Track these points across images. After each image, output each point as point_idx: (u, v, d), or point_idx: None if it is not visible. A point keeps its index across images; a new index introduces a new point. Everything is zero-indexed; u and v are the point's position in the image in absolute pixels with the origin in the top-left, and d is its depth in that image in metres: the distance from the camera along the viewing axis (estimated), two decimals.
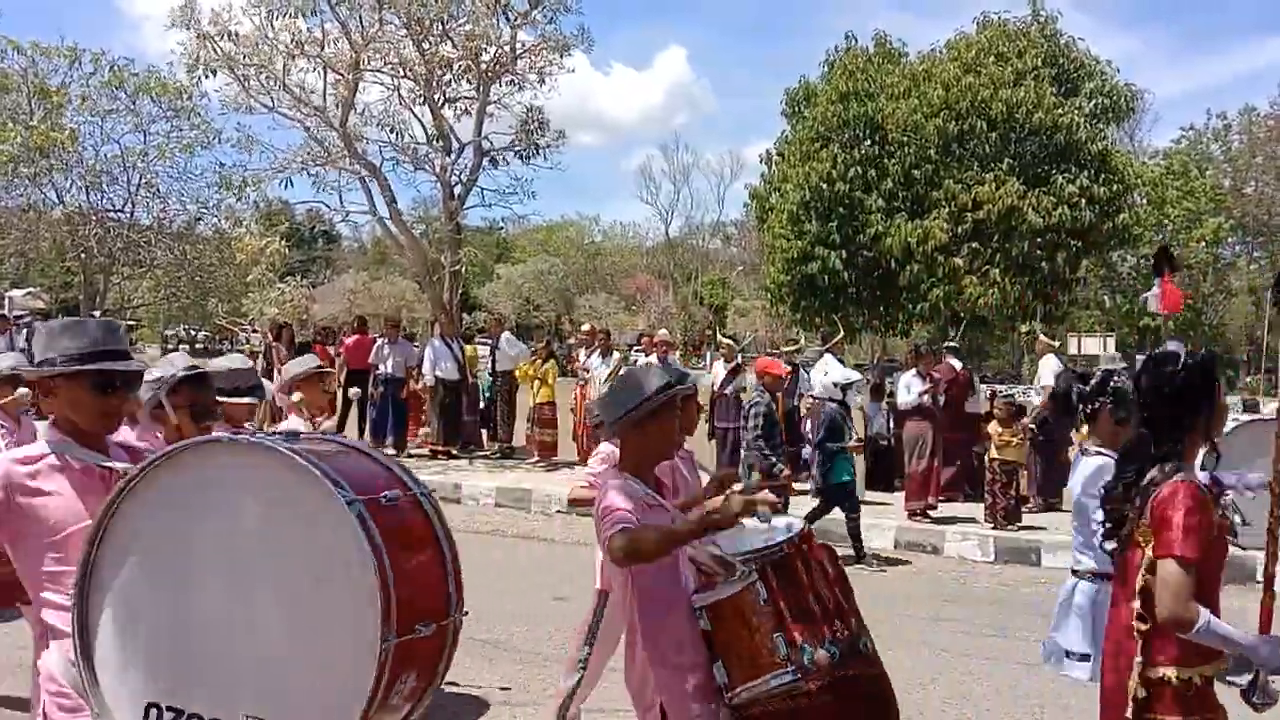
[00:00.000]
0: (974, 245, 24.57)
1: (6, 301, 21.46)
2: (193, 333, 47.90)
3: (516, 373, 14.44)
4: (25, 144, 18.16)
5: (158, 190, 21.02)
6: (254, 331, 19.51)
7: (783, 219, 26.23)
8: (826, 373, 12.13)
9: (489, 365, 15.61)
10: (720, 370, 13.42)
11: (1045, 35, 25.85)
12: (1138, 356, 24.42)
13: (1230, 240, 50.78)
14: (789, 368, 12.70)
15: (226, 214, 20.87)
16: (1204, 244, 48.25)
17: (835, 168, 24.96)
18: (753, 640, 2.80)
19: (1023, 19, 26.38)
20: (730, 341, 14.57)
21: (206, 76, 16.75)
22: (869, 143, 25.47)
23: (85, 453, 2.66)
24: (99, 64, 20.01)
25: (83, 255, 20.49)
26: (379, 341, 14.84)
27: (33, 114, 19.30)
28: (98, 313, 19.44)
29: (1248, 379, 44.93)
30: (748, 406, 9.53)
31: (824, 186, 24.96)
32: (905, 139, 25.14)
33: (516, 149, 17.36)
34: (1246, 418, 6.34)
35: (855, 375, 12.88)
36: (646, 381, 3.08)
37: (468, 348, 15.44)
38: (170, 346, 45.45)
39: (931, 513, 11.11)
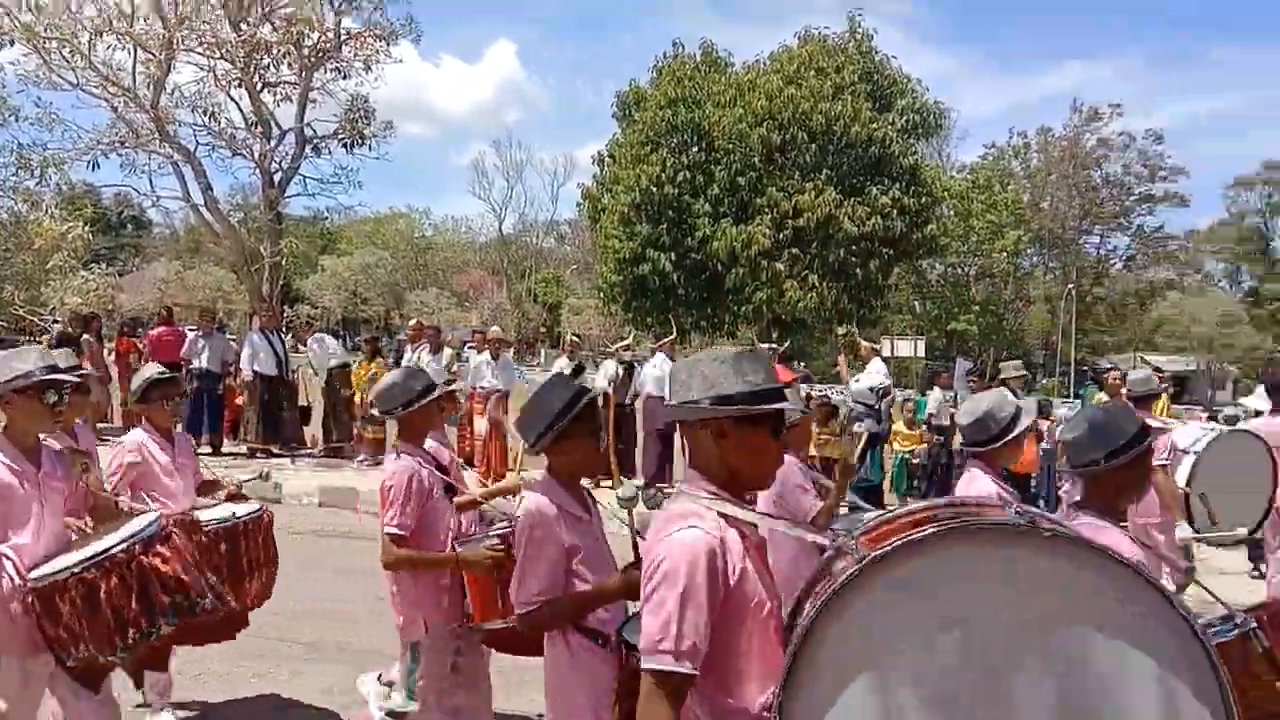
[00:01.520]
0: (794, 251, 25.56)
1: None
2: None
3: (352, 378, 14.02)
4: None
5: None
6: (55, 322, 18.25)
7: (614, 220, 26.57)
8: (858, 379, 12.35)
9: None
10: (562, 366, 13.49)
11: (862, 52, 27.16)
12: (959, 359, 26.08)
13: (1029, 251, 54.70)
14: (624, 366, 12.95)
15: (24, 196, 19.41)
16: (1005, 255, 51.82)
17: (664, 171, 25.45)
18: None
19: (841, 35, 27.64)
20: (576, 337, 14.67)
21: (2, 47, 15.56)
22: (696, 149, 26.10)
23: None
24: None
25: None
26: (192, 335, 14.16)
27: None
28: None
29: (1044, 381, 48.52)
30: None
31: (654, 189, 25.42)
32: (731, 146, 25.88)
33: (341, 137, 16.96)
34: (1224, 428, 6.80)
35: (888, 381, 13.02)
36: (560, 397, 3.01)
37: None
38: None
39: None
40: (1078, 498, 2.98)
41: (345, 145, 17.01)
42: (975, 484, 3.76)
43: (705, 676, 1.93)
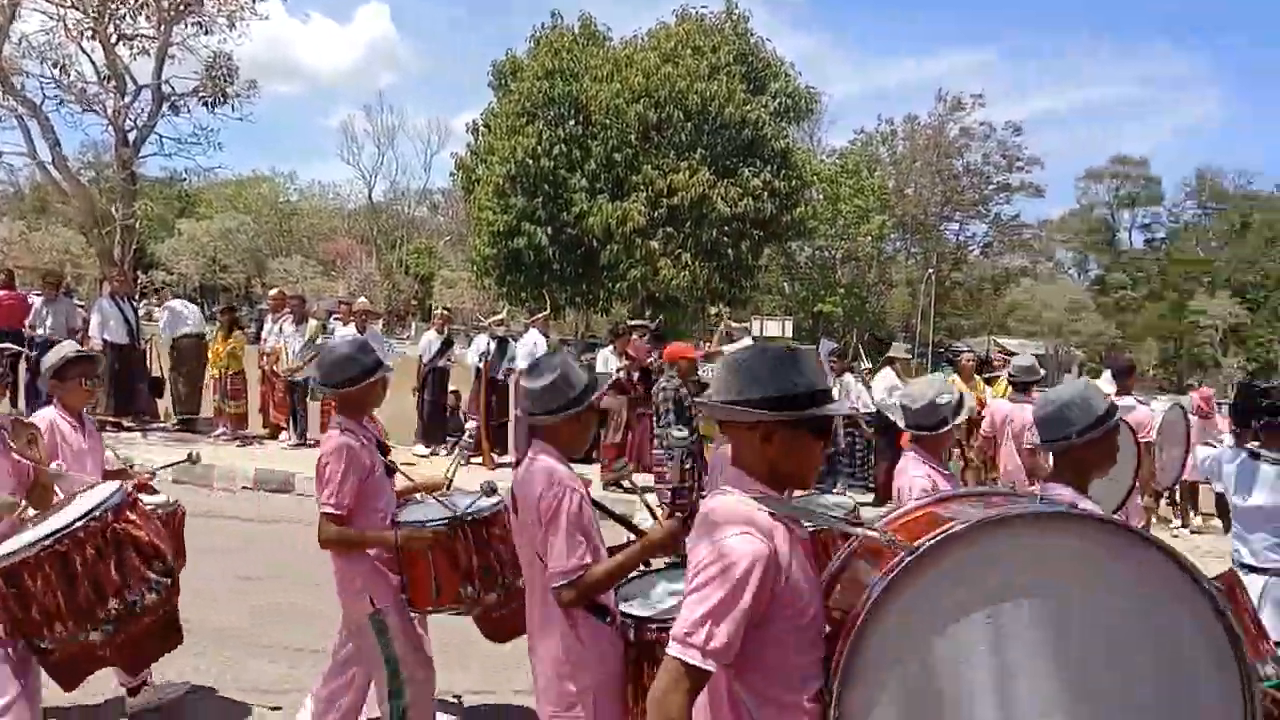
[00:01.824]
0: (669, 229, 25.79)
1: None
2: None
3: (210, 354, 13.42)
4: None
5: None
6: None
7: (489, 192, 26.26)
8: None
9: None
10: (432, 340, 13.28)
11: (737, 33, 27.53)
12: (822, 339, 26.85)
13: (892, 236, 56.58)
14: (497, 341, 12.85)
15: None
16: (870, 239, 53.51)
17: (540, 144, 25.26)
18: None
19: (718, 15, 27.93)
20: (446, 310, 14.45)
21: None
22: (573, 122, 25.99)
23: None
24: None
25: None
26: (36, 301, 13.34)
27: None
28: None
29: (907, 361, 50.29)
30: (656, 392, 9.31)
31: (530, 162, 25.21)
32: (608, 122, 25.87)
33: (201, 95, 16.21)
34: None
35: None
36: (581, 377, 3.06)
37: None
38: None
39: (624, 483, 11.66)
40: None
41: (206, 104, 16.27)
42: (907, 473, 3.87)
43: (753, 672, 1.98)
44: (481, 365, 12.34)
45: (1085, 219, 64.65)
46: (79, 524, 3.21)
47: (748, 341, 14.08)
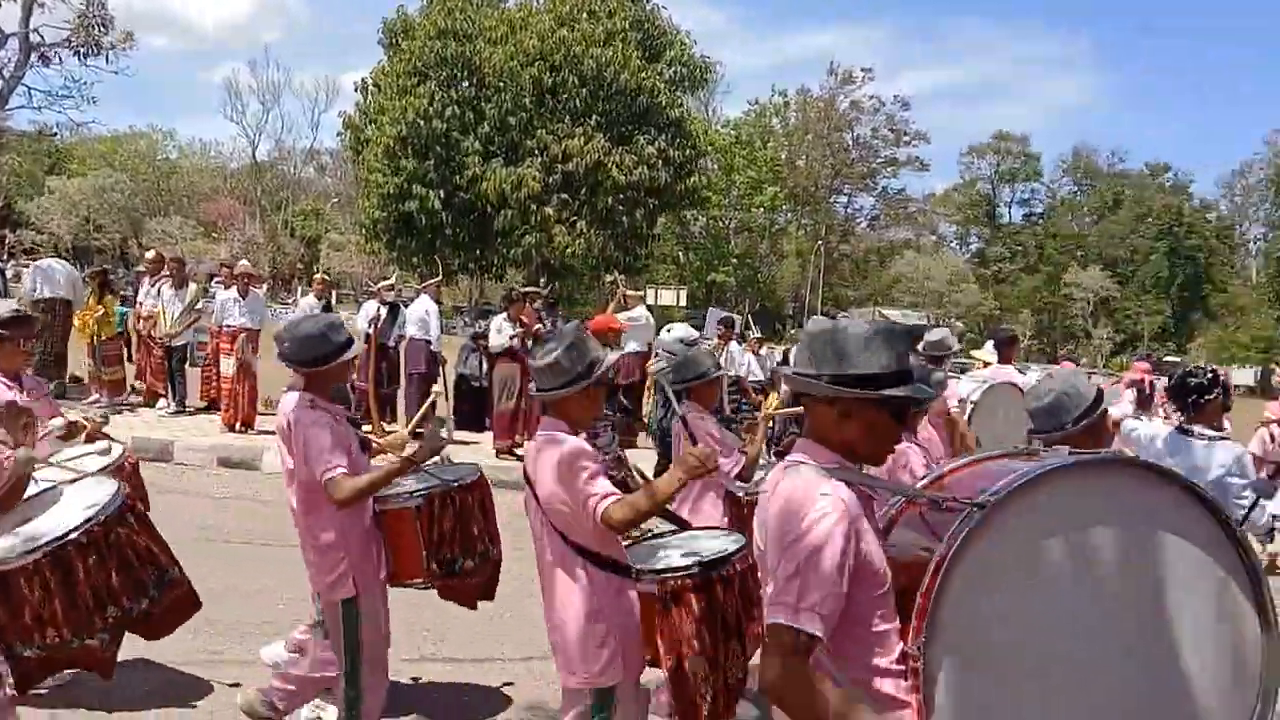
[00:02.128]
0: (564, 196, 25.73)
1: None
2: None
3: (75, 320, 12.80)
4: None
5: None
6: None
7: (378, 153, 25.71)
8: (671, 329, 12.23)
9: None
10: (312, 305, 12.98)
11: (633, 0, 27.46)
12: (711, 308, 27.19)
13: (785, 208, 57.59)
14: (388, 307, 12.65)
15: None
16: (763, 210, 54.31)
17: (433, 105, 24.84)
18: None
19: None
20: (325, 276, 14.14)
21: None
22: (466, 84, 25.62)
23: None
24: None
25: None
26: None
27: None
28: None
29: (792, 331, 51.46)
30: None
31: (421, 123, 24.76)
32: (502, 84, 25.58)
33: (73, 46, 15.42)
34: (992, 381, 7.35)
35: (694, 333, 12.91)
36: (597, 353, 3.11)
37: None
38: None
39: (518, 450, 11.70)
40: None
41: (78, 55, 15.52)
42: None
43: (842, 638, 1.99)
44: (371, 331, 12.16)
45: (967, 193, 66.86)
46: (79, 531, 3.09)
47: (642, 310, 14.22)
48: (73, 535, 3.09)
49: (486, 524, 3.84)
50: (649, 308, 14.94)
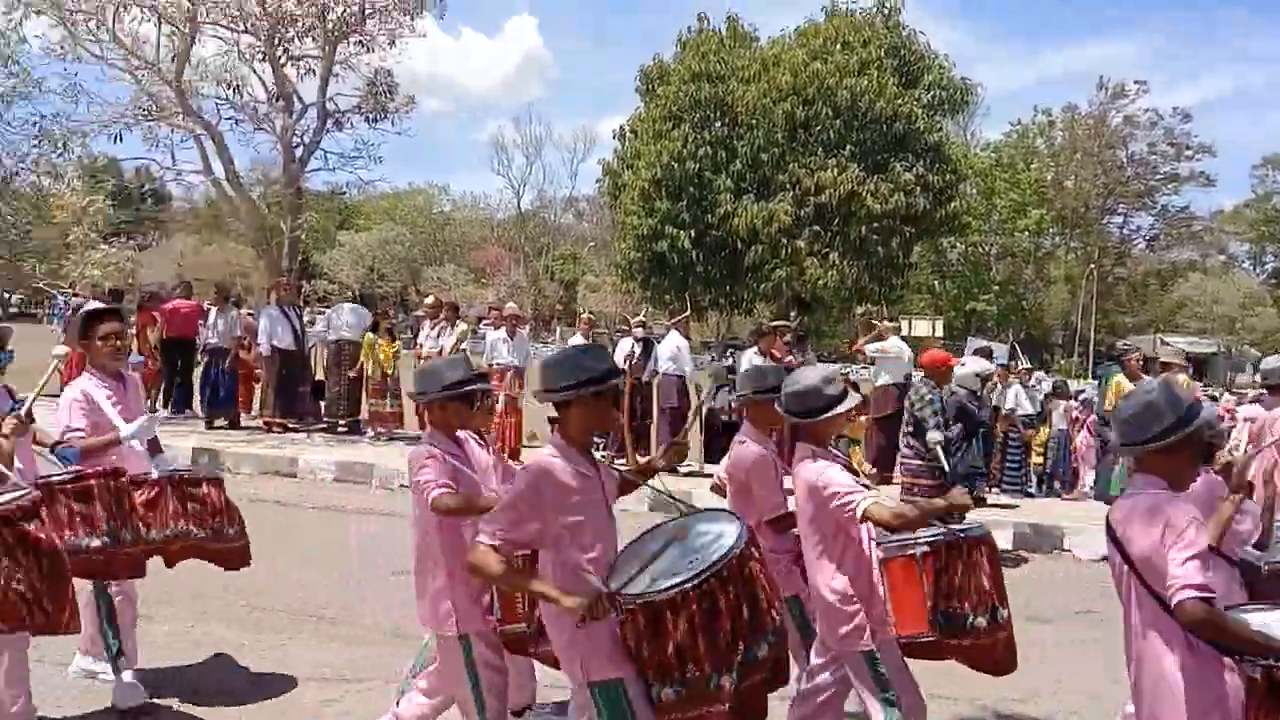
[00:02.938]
0: (816, 228, 25.37)
1: None
2: (6, 295, 44.56)
3: (381, 357, 13.84)
4: None
5: None
6: (75, 295, 18.28)
7: (634, 196, 26.41)
8: (964, 364, 12.28)
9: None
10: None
11: (888, 26, 26.85)
12: (970, 338, 25.91)
13: (1051, 231, 54.21)
14: (642, 343, 12.85)
15: (45, 169, 19.35)
16: (1027, 234, 51.36)
17: (686, 147, 25.27)
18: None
19: (868, 9, 27.32)
20: (591, 315, 14.66)
21: (27, 18, 15.49)
22: (719, 124, 25.89)
23: None
24: None
25: None
26: (211, 311, 14.15)
27: None
28: None
29: (1062, 362, 48.18)
30: (913, 401, 8.97)
31: (675, 165, 25.24)
32: (754, 122, 25.66)
33: (363, 111, 16.79)
34: None
35: (992, 367, 12.88)
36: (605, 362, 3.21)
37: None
38: None
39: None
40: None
41: (367, 119, 16.83)
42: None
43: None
44: (627, 367, 12.38)
45: (1262, 209, 60.05)
46: (720, 564, 2.96)
47: (895, 341, 13.66)
48: (717, 567, 2.94)
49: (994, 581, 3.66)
50: (903, 338, 14.40)
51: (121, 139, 16.54)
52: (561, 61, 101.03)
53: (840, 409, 3.70)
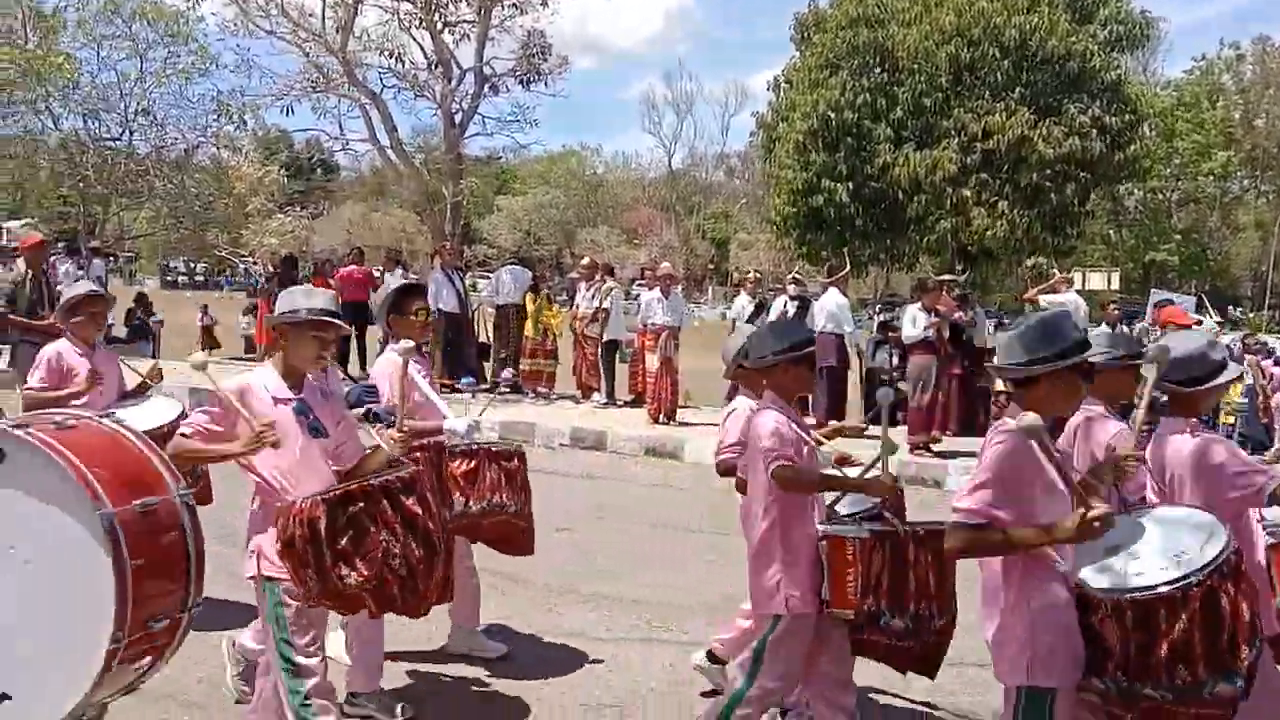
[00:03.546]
0: (983, 176, 24.24)
1: (4, 233, 21.16)
2: (192, 264, 47.60)
3: (548, 320, 14.09)
4: (21, 68, 17.74)
5: (155, 118, 20.56)
6: (254, 263, 19.36)
7: (789, 149, 25.84)
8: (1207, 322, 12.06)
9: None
10: (744, 305, 13.29)
11: None
12: (1153, 290, 24.34)
13: (1239, 174, 50.22)
14: (797, 301, 12.58)
15: (225, 141, 20.47)
16: (1212, 178, 47.73)
17: (844, 95, 24.53)
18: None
19: None
20: (757, 274, 14.50)
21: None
22: (878, 70, 25.00)
23: None
24: None
25: (80, 185, 20.18)
26: (380, 275, 14.68)
27: (28, 38, 18.85)
28: (95, 243, 19.23)
29: (1251, 315, 44.77)
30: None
31: (832, 115, 24.54)
32: (915, 67, 24.65)
33: (518, 74, 17.00)
34: None
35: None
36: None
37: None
38: (170, 279, 45.30)
39: (934, 446, 11.06)
40: None
41: (523, 82, 17.06)
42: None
43: None
44: None
45: None
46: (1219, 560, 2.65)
47: (1072, 294, 12.97)
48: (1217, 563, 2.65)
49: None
50: (1078, 292, 13.73)
51: (292, 111, 17.37)
52: (711, 14, 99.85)
53: (1223, 378, 3.35)
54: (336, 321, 3.46)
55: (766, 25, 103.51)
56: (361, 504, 3.17)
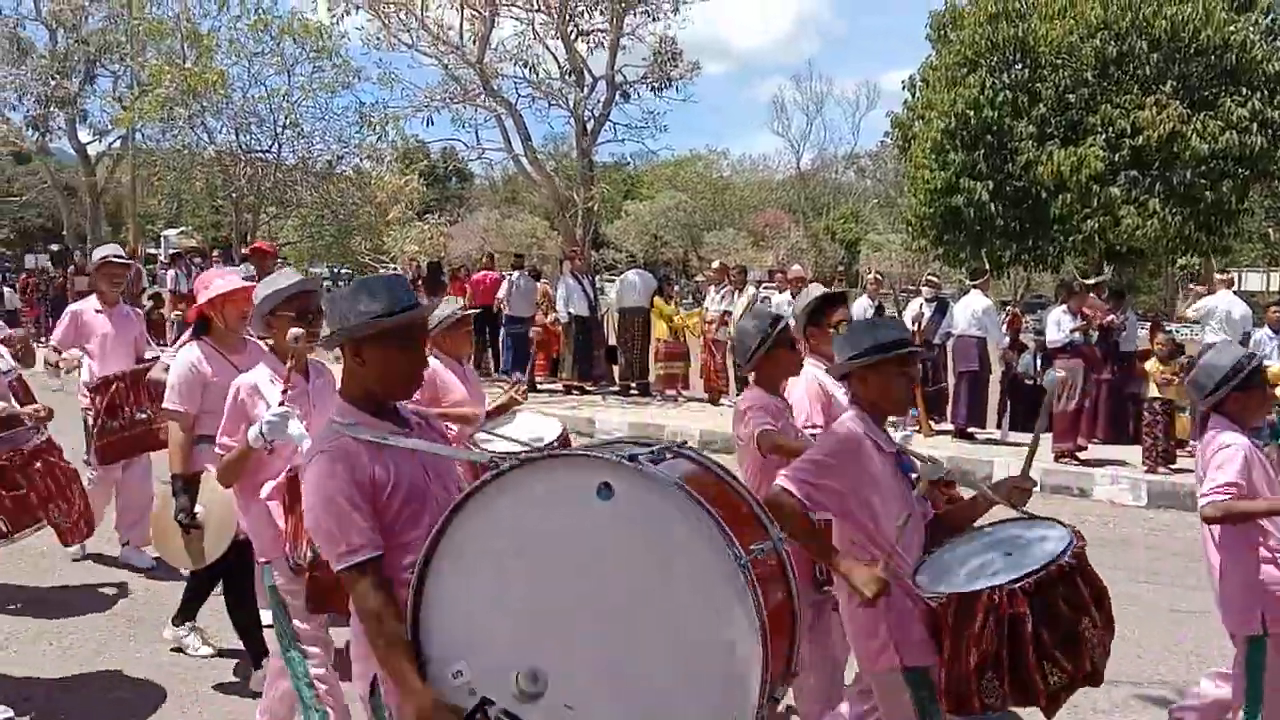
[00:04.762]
0: (1132, 173, 23.16)
1: (163, 241, 22.50)
2: (335, 270, 49.78)
3: (683, 321, 14.21)
4: (180, 87, 18.91)
5: (302, 130, 21.65)
6: (396, 268, 20.09)
7: (926, 148, 25.24)
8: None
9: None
10: (865, 307, 13.09)
11: None
12: None
13: None
14: (935, 303, 12.31)
15: (368, 152, 21.35)
16: None
17: (983, 93, 23.83)
18: None
19: None
20: (879, 276, 14.31)
21: (348, 14, 17.07)
22: (1020, 66, 24.19)
23: None
24: (245, 8, 20.63)
25: (233, 195, 21.35)
26: (509, 280, 15.04)
27: (185, 58, 20.08)
28: (246, 250, 20.30)
29: None
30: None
31: (970, 113, 23.88)
32: (1059, 62, 23.76)
33: (649, 81, 17.13)
34: None
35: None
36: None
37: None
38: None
39: (1080, 454, 10.66)
40: None
41: (654, 89, 17.19)
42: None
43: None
44: (916, 329, 11.89)
45: None
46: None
47: (1226, 295, 12.30)
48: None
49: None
50: (1235, 293, 13.10)
51: (432, 122, 17.95)
52: (841, 13, 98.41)
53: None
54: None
55: (897, 23, 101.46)
56: None
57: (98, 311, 6.26)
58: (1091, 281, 13.12)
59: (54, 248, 23.94)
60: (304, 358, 3.72)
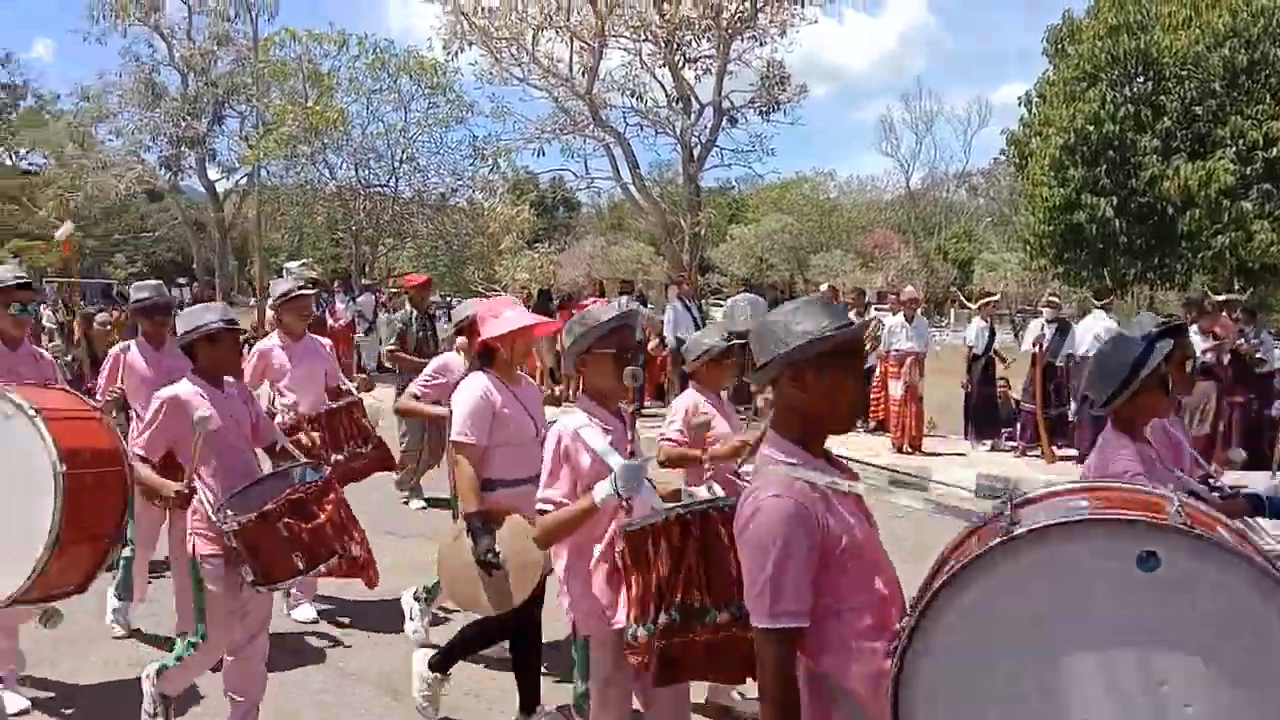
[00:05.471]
0: (1265, 187, 22.10)
1: (285, 273, 23.37)
2: (449, 298, 51.09)
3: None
4: (302, 125, 19.74)
5: (418, 164, 22.33)
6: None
7: (1044, 165, 24.56)
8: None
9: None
10: (980, 328, 12.76)
11: None
12: None
13: None
14: (1056, 324, 11.95)
15: (481, 184, 21.91)
16: None
17: (1104, 108, 23.09)
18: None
19: None
20: (995, 297, 13.97)
21: (462, 50, 17.58)
22: (1142, 79, 23.37)
23: None
24: (364, 47, 21.45)
25: (352, 228, 22.14)
26: (622, 303, 15.16)
27: (307, 97, 20.97)
28: (365, 281, 20.98)
29: None
30: None
31: (1091, 129, 23.16)
32: (1185, 73, 22.87)
33: (757, 106, 17.16)
34: None
35: None
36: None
37: None
38: (430, 313, 48.76)
39: (1212, 481, 10.16)
40: None
41: (761, 113, 17.21)
42: None
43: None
44: (1036, 351, 11.56)
45: None
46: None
47: None
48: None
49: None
50: None
51: (543, 153, 18.32)
52: (948, 30, 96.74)
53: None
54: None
55: (1007, 38, 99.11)
56: None
57: (281, 348, 6.04)
58: (1223, 298, 12.53)
59: (181, 280, 25.16)
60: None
